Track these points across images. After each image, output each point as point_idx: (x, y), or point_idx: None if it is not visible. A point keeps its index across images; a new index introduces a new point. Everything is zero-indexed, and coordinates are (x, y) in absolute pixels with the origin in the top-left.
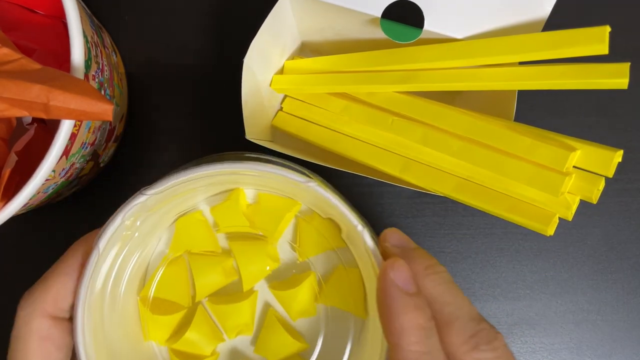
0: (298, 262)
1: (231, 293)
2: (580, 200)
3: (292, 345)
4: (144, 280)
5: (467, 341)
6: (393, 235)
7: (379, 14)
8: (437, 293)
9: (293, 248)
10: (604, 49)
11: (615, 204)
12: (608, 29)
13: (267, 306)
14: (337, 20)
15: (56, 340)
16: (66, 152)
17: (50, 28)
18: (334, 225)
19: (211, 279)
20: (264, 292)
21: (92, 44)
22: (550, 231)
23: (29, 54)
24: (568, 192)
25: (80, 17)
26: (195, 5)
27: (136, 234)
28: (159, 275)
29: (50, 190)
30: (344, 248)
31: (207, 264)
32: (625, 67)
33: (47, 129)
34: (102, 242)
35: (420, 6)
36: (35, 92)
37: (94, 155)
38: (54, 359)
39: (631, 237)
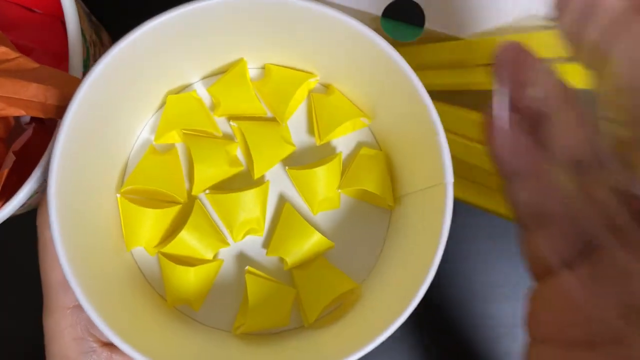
0: (317, 145)
1: (236, 187)
2: None
3: (316, 243)
4: (123, 178)
5: None
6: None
7: (380, 13)
8: None
9: (308, 131)
10: None
11: None
12: None
13: (281, 201)
14: None
15: None
16: None
17: (49, 27)
18: (351, 102)
19: (213, 167)
20: (276, 184)
21: (90, 43)
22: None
23: (27, 52)
24: None
25: (79, 15)
26: None
27: (114, 96)
28: (147, 164)
29: None
30: (364, 130)
31: (208, 146)
32: None
33: (45, 128)
34: (76, 101)
35: (422, 5)
36: (33, 91)
37: None
38: None
39: None
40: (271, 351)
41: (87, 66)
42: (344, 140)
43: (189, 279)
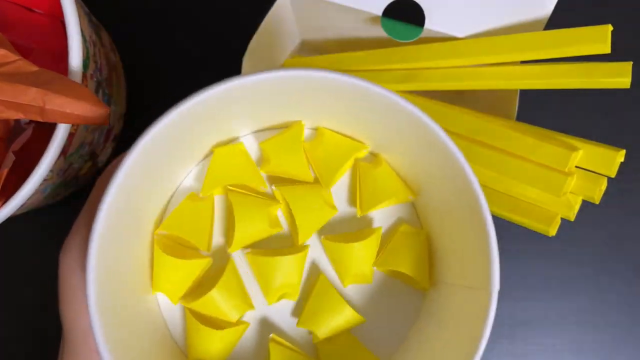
0: (357, 216)
1: (273, 247)
2: (583, 200)
3: (348, 317)
4: (161, 221)
5: None
6: None
7: (380, 13)
8: None
9: (349, 199)
10: (605, 48)
11: (617, 204)
12: (610, 27)
13: (313, 267)
14: (338, 18)
15: None
16: (64, 152)
17: (49, 27)
18: (397, 175)
19: (254, 226)
20: (310, 249)
21: (90, 43)
22: (552, 231)
23: (26, 53)
24: (570, 192)
25: (79, 15)
26: (196, 5)
27: (162, 156)
28: (183, 211)
29: (48, 191)
30: (408, 204)
31: (251, 205)
32: (627, 67)
33: (45, 128)
34: (126, 164)
35: (421, 5)
36: (32, 95)
37: (92, 155)
38: None
39: (633, 237)
40: None
41: (86, 66)
42: (384, 212)
43: (214, 341)
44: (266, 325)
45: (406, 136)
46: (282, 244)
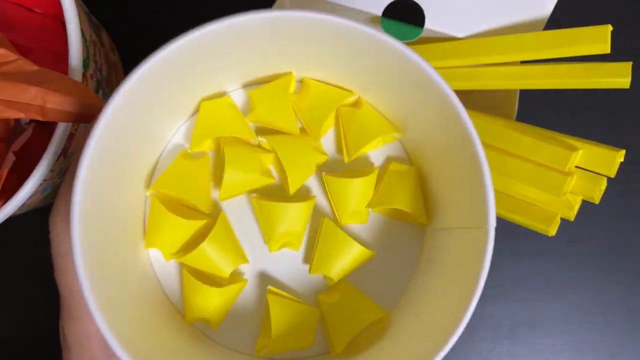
0: (345, 162)
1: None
2: (582, 200)
3: (357, 253)
4: (151, 177)
5: None
6: None
7: (380, 13)
8: None
9: (336, 146)
10: (605, 48)
11: (617, 204)
12: (610, 28)
13: (313, 219)
14: None
15: None
16: (64, 152)
17: (49, 27)
18: (381, 116)
19: (244, 174)
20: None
21: (90, 43)
22: (552, 231)
23: (27, 53)
24: (570, 192)
25: (79, 15)
26: (196, 5)
27: (146, 107)
28: (177, 169)
29: (48, 191)
30: (397, 146)
31: (242, 152)
32: (627, 67)
33: (45, 128)
34: (106, 113)
35: (421, 5)
36: (32, 94)
37: None
38: None
39: (634, 237)
40: None
41: (86, 66)
42: (373, 156)
43: (212, 298)
44: (265, 280)
45: (394, 76)
46: (284, 197)
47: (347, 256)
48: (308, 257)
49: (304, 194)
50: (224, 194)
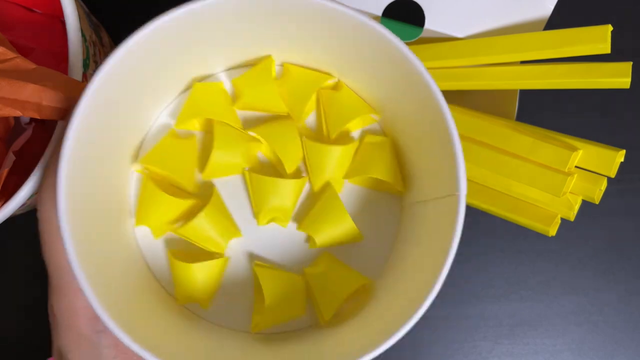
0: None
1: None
2: (582, 200)
3: (347, 232)
4: (138, 152)
5: None
6: None
7: (380, 13)
8: None
9: (316, 128)
10: (606, 48)
11: (617, 204)
12: (610, 28)
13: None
14: None
15: None
16: None
17: (49, 27)
18: (359, 98)
19: (230, 157)
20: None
21: (90, 43)
22: (552, 232)
23: (26, 53)
24: (570, 192)
25: (79, 15)
26: None
27: (136, 78)
28: (165, 148)
29: None
30: (372, 126)
31: (232, 136)
32: (627, 67)
33: (45, 128)
34: (94, 84)
35: (421, 5)
36: (29, 92)
37: None
38: None
39: (633, 237)
40: (288, 350)
41: (86, 66)
42: (352, 134)
43: (195, 275)
44: (251, 256)
45: (371, 57)
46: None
47: (338, 228)
48: (295, 234)
49: (295, 174)
50: (207, 173)
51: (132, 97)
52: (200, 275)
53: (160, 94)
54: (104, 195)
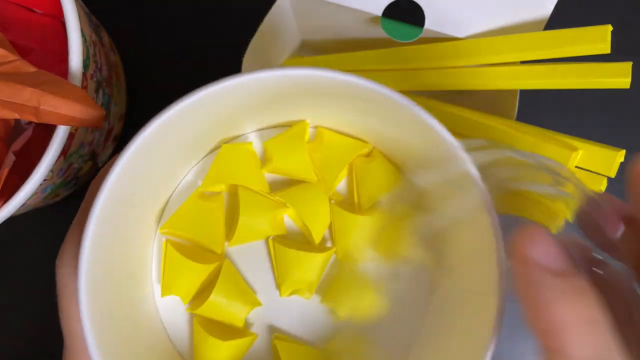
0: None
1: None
2: None
3: (371, 301)
4: (162, 213)
5: None
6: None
7: (380, 13)
8: None
9: (347, 195)
10: (605, 48)
11: None
12: (610, 28)
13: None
14: (338, 18)
15: None
16: (64, 152)
17: (49, 27)
18: (394, 167)
19: (258, 224)
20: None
21: (90, 43)
22: (553, 232)
23: (26, 53)
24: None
25: (79, 15)
26: (196, 5)
27: (165, 148)
28: (190, 209)
29: (48, 191)
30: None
31: (258, 203)
32: (627, 67)
33: (45, 128)
34: (123, 158)
35: (421, 5)
36: (27, 95)
37: (93, 155)
38: None
39: None
40: None
41: (86, 66)
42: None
43: (224, 352)
44: (272, 328)
45: (402, 128)
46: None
47: (362, 301)
48: (317, 307)
49: (322, 243)
50: (235, 240)
51: (160, 167)
52: (226, 350)
53: (189, 158)
54: (126, 264)
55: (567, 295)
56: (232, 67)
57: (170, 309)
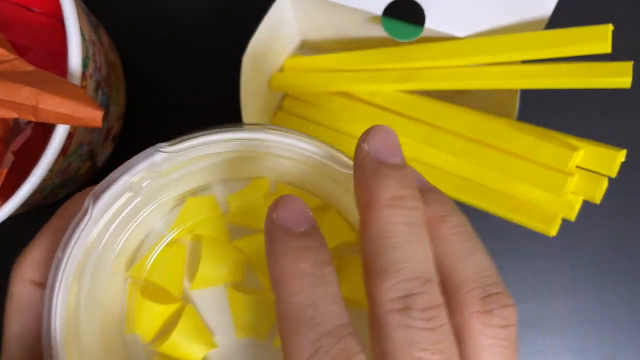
0: None
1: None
2: (583, 200)
3: None
4: (133, 260)
5: (477, 302)
6: (377, 137)
7: (380, 12)
8: (450, 250)
9: None
10: (606, 47)
11: (618, 204)
12: (611, 27)
13: None
14: (338, 18)
15: (37, 307)
16: (63, 152)
17: (48, 26)
18: (345, 220)
19: (218, 270)
20: None
21: (89, 43)
22: (553, 232)
23: (25, 52)
24: (571, 192)
25: (78, 15)
26: (196, 4)
27: (137, 200)
28: (155, 255)
29: (47, 191)
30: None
31: (219, 251)
32: (628, 66)
33: (44, 128)
34: (99, 203)
35: (421, 4)
36: (25, 94)
37: (91, 155)
38: (31, 328)
39: (634, 237)
40: None
41: (86, 65)
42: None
43: None
44: None
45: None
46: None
47: None
48: (272, 349)
49: None
50: (196, 285)
51: (129, 224)
52: None
53: (156, 214)
54: (97, 308)
55: (294, 252)
56: (232, 66)
57: (134, 344)
